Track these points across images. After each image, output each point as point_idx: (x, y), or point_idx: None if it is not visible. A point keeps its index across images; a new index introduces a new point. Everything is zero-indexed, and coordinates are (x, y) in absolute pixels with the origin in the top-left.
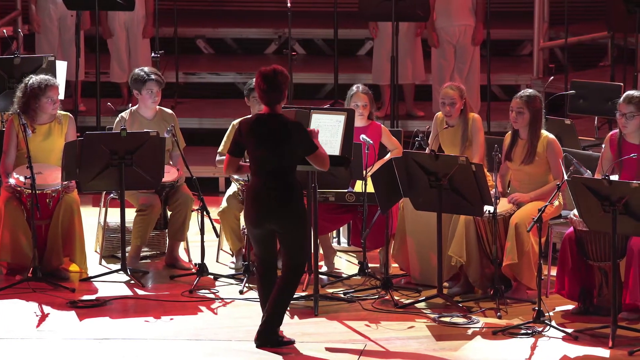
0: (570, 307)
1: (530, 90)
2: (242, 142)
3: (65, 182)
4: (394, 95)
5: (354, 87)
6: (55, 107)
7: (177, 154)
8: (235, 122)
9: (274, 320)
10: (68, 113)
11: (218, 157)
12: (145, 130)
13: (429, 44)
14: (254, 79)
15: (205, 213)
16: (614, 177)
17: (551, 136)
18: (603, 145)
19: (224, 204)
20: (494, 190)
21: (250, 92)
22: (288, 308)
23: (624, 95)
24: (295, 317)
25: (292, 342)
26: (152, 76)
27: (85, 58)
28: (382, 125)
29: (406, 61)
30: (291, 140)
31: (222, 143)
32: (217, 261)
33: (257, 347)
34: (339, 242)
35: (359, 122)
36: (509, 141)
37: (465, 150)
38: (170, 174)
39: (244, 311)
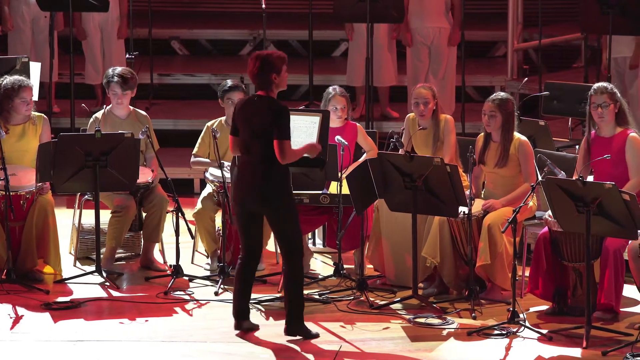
0: (544, 307)
1: (502, 94)
2: (235, 121)
3: (40, 184)
4: (369, 96)
5: (331, 90)
6: (29, 108)
7: (152, 155)
8: (210, 123)
9: (295, 311)
10: (42, 114)
11: (193, 159)
12: (119, 131)
13: (403, 43)
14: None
15: (180, 214)
16: (589, 178)
17: (523, 138)
18: (577, 147)
19: (199, 205)
20: (468, 191)
21: (224, 93)
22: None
23: (596, 86)
24: (271, 318)
25: (317, 335)
26: (115, 78)
27: (59, 59)
28: (357, 125)
29: (382, 63)
30: (270, 121)
31: (197, 145)
32: (192, 263)
33: (287, 335)
34: (314, 244)
35: (335, 123)
36: (481, 144)
37: (436, 151)
38: (144, 175)
39: (219, 313)
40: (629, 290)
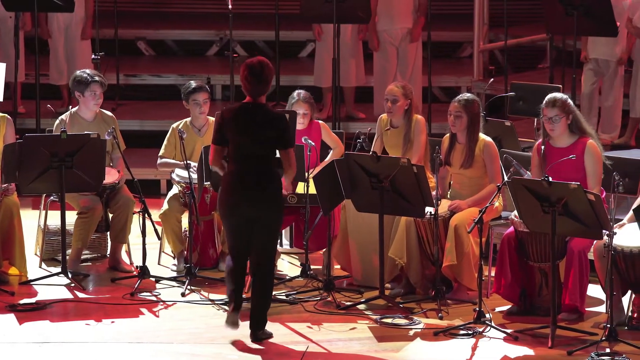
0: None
1: (468, 94)
2: (223, 130)
3: (5, 185)
4: (336, 97)
5: (295, 95)
6: None
7: (118, 155)
8: (175, 125)
9: (264, 312)
10: (6, 115)
11: (159, 160)
12: (85, 132)
13: (369, 46)
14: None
15: (146, 215)
16: None
17: (488, 139)
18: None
19: (165, 206)
20: (434, 191)
21: (189, 95)
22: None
23: (547, 98)
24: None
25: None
26: (96, 78)
27: (25, 60)
28: (320, 122)
29: (349, 64)
30: (271, 130)
31: (163, 146)
32: (158, 264)
33: (253, 341)
34: (281, 244)
35: (299, 127)
36: (447, 145)
37: (407, 151)
38: (110, 176)
39: (185, 314)
40: (593, 290)
